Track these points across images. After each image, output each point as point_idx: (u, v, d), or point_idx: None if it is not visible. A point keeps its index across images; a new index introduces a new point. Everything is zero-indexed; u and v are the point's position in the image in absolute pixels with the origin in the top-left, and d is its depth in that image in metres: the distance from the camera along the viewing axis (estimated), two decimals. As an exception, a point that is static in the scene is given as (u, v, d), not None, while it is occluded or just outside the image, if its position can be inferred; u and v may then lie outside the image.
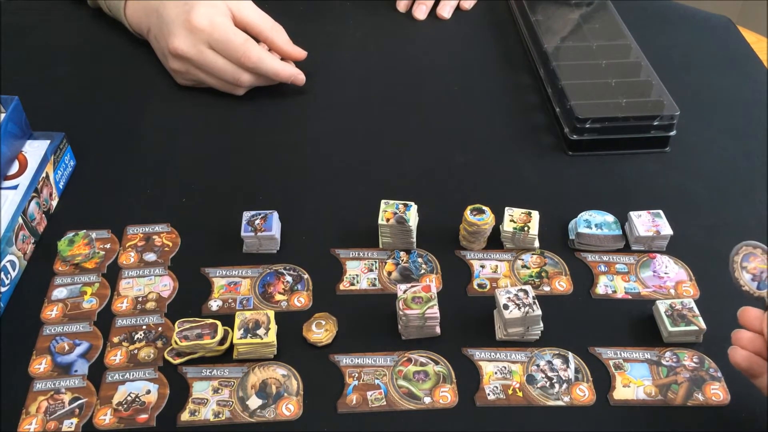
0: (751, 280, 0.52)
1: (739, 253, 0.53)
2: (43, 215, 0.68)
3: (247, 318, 0.58)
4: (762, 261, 0.52)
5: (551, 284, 0.63)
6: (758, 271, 0.52)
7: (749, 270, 0.52)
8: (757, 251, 0.52)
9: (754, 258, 0.52)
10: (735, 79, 0.88)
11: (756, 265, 0.52)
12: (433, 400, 0.55)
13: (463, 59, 0.91)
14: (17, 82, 0.84)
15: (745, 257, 0.52)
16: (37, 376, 0.56)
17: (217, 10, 0.78)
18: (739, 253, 0.53)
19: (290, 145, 0.78)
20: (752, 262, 0.52)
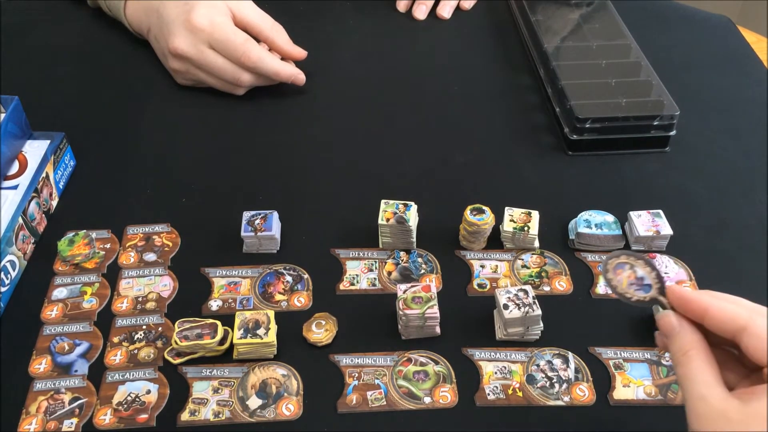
0: (629, 285, 0.49)
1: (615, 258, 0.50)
2: (43, 215, 0.68)
3: (247, 318, 0.58)
4: (638, 268, 0.49)
5: (551, 284, 0.63)
6: (635, 276, 0.49)
7: (625, 277, 0.49)
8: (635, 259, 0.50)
9: (630, 266, 0.49)
10: (735, 79, 0.88)
11: (632, 272, 0.49)
12: (433, 400, 0.55)
13: (463, 59, 0.91)
14: (17, 82, 0.84)
15: (619, 265, 0.50)
16: (37, 376, 0.56)
17: (218, 9, 0.78)
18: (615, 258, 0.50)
19: (290, 145, 0.78)
20: (628, 270, 0.50)
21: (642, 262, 0.49)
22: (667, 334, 0.46)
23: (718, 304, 0.44)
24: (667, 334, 0.46)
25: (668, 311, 0.46)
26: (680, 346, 0.44)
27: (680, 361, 0.44)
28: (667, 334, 0.46)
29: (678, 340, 0.45)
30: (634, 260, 0.50)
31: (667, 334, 0.46)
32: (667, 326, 0.46)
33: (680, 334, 0.45)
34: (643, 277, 0.49)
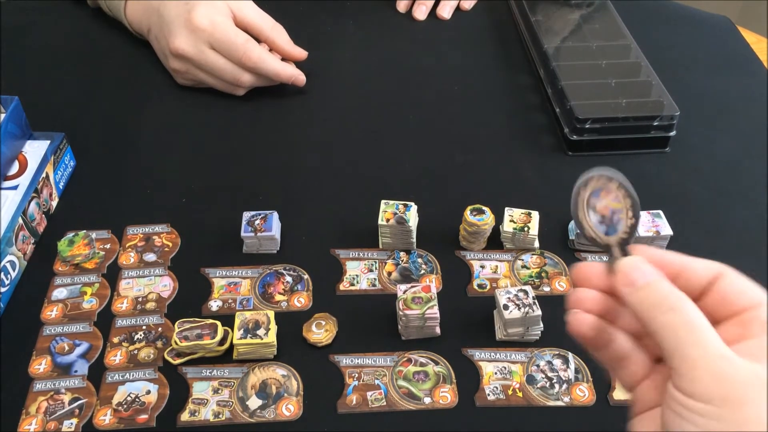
0: (599, 223, 0.40)
1: (587, 186, 0.41)
2: (43, 215, 0.68)
3: (247, 318, 0.58)
4: (616, 198, 0.40)
5: (551, 284, 0.63)
6: (609, 211, 0.40)
7: (598, 209, 0.40)
8: (611, 185, 0.40)
9: (606, 194, 0.40)
10: (735, 79, 0.88)
11: (607, 203, 0.40)
12: (433, 401, 0.55)
13: (463, 59, 0.91)
14: (17, 82, 0.84)
15: (595, 193, 0.41)
16: (37, 377, 0.56)
17: (218, 10, 0.78)
18: (587, 186, 0.41)
19: (290, 145, 0.78)
20: (603, 200, 0.40)
21: (623, 192, 0.40)
22: (628, 285, 0.37)
23: (688, 258, 0.39)
24: (631, 284, 0.37)
25: (633, 257, 0.38)
26: (663, 298, 0.36)
27: (670, 318, 0.35)
28: (630, 285, 0.37)
29: (656, 291, 0.36)
30: (613, 185, 0.40)
31: (631, 284, 0.37)
32: (633, 274, 0.37)
33: (658, 282, 0.36)
34: (616, 211, 0.40)
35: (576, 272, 0.41)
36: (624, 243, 0.39)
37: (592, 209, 0.41)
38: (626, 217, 0.40)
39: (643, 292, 0.37)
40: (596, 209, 0.41)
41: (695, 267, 0.38)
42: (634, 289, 0.37)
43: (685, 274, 0.38)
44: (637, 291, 0.37)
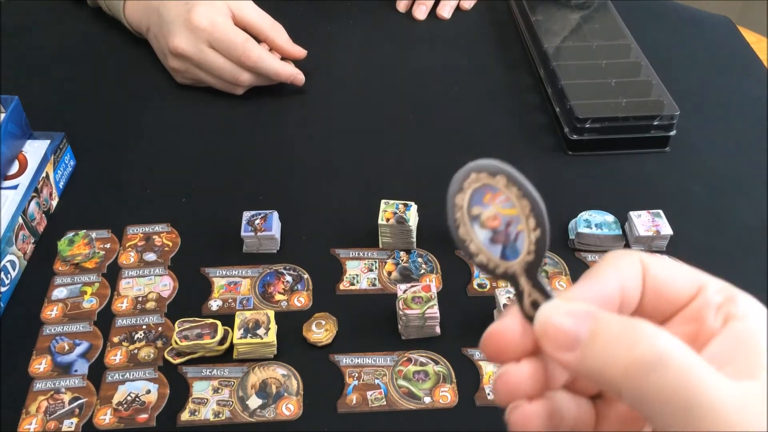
0: (490, 242, 0.28)
1: (465, 188, 0.29)
2: (43, 215, 0.68)
3: (247, 318, 0.58)
4: (507, 201, 0.28)
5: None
6: (501, 221, 0.28)
7: (484, 221, 0.28)
8: (497, 182, 0.28)
9: (492, 197, 0.28)
10: (735, 79, 0.88)
11: (496, 210, 0.28)
12: (433, 400, 0.55)
13: (463, 59, 0.91)
14: (17, 82, 0.84)
15: (476, 196, 0.28)
16: (37, 376, 0.56)
17: (218, 9, 0.78)
18: (465, 188, 0.29)
19: (290, 145, 0.78)
20: (489, 206, 0.28)
21: (516, 190, 0.28)
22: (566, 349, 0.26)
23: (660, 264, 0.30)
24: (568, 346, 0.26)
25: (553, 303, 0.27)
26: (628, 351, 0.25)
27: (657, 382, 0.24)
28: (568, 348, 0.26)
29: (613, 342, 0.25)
30: (500, 182, 0.28)
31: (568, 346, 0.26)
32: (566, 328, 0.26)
33: (608, 325, 0.26)
34: (512, 220, 0.28)
35: (487, 344, 0.29)
36: (532, 268, 0.28)
37: (477, 221, 0.29)
38: (527, 227, 0.28)
39: (595, 350, 0.26)
40: (482, 221, 0.29)
41: (678, 278, 0.30)
42: (579, 353, 0.26)
43: (661, 278, 0.29)
44: (584, 354, 0.26)
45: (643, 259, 0.29)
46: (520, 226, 0.28)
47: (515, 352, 0.28)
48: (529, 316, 0.28)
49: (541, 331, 0.27)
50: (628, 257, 0.29)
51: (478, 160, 0.29)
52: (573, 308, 0.27)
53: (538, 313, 0.27)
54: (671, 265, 0.30)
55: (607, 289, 0.28)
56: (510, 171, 0.28)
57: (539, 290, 0.28)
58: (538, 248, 0.28)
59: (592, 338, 0.26)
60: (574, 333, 0.26)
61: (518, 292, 0.28)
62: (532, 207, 0.28)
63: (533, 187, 0.28)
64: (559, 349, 0.26)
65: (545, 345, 0.27)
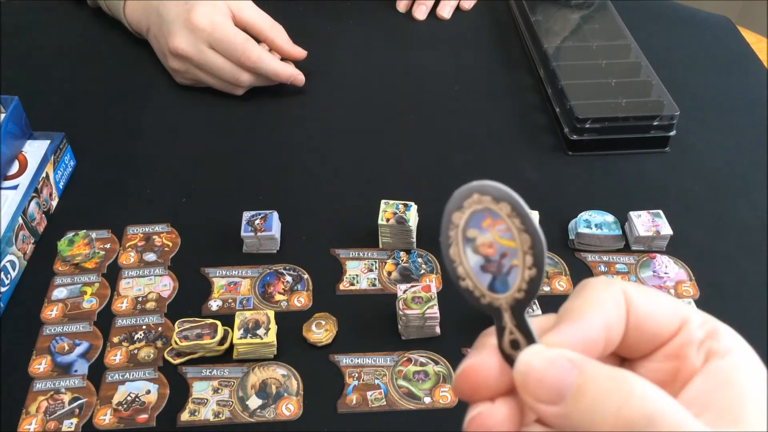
0: (480, 269, 0.27)
1: (464, 207, 0.27)
2: (43, 215, 0.68)
3: (247, 318, 0.58)
4: (506, 231, 0.26)
5: (551, 284, 0.63)
6: (496, 251, 0.26)
7: (479, 246, 0.27)
8: (500, 208, 0.26)
9: (492, 223, 0.26)
10: (735, 79, 0.88)
11: (493, 238, 0.26)
12: (433, 400, 0.55)
13: (463, 59, 0.91)
14: (17, 82, 0.84)
15: (475, 219, 0.27)
16: (37, 376, 0.56)
17: (218, 9, 0.78)
18: (464, 207, 0.27)
19: (290, 145, 0.78)
20: (486, 232, 0.26)
21: (519, 222, 0.26)
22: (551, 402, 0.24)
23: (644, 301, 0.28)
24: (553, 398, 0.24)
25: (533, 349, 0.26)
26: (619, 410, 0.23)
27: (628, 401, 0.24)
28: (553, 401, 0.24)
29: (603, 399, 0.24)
30: (502, 210, 0.26)
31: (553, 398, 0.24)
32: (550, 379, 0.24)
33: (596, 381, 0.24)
34: (507, 252, 0.26)
35: (461, 382, 0.27)
36: (520, 307, 0.26)
37: (470, 245, 0.27)
38: (523, 264, 0.26)
39: (581, 407, 0.24)
40: (476, 245, 0.27)
41: (659, 313, 0.28)
42: (563, 407, 0.24)
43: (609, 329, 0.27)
44: (569, 410, 0.24)
45: (626, 291, 0.27)
46: (515, 260, 0.26)
47: (490, 391, 0.26)
48: (507, 355, 0.26)
49: (521, 380, 0.25)
50: (610, 291, 0.27)
51: (483, 181, 0.26)
52: (556, 356, 0.25)
53: (519, 359, 0.25)
54: (654, 297, 0.28)
55: (591, 330, 0.26)
56: (516, 200, 0.26)
57: (522, 331, 0.26)
58: (530, 288, 0.26)
59: (577, 393, 0.24)
60: (558, 386, 0.24)
61: (499, 328, 0.27)
62: (532, 244, 0.26)
63: (537, 223, 0.26)
64: (541, 402, 0.25)
65: (525, 396, 0.25)
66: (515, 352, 0.26)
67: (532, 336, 0.26)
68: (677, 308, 0.28)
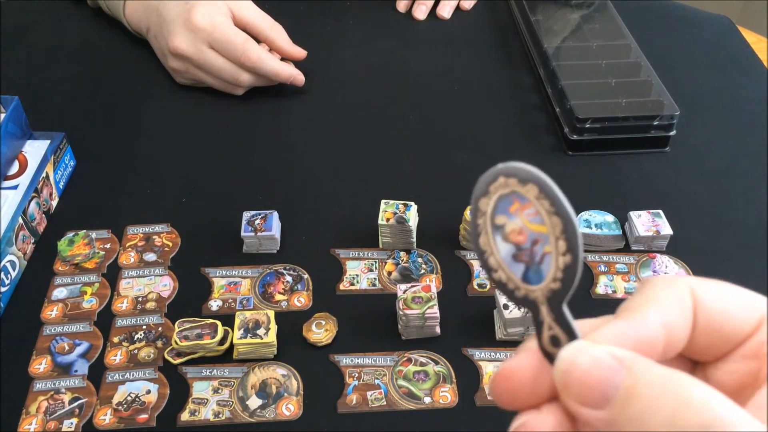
0: (512, 259, 0.25)
1: (491, 192, 0.25)
2: (43, 215, 0.68)
3: (247, 318, 0.58)
4: (536, 215, 0.24)
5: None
6: (527, 238, 0.24)
7: (508, 233, 0.25)
8: (528, 190, 0.24)
9: (521, 207, 0.24)
10: (735, 79, 0.88)
11: (522, 223, 0.24)
12: (433, 400, 0.55)
13: (463, 59, 0.91)
14: (17, 82, 0.84)
15: (502, 204, 0.25)
16: (37, 376, 0.56)
17: (218, 9, 0.78)
18: (491, 192, 0.25)
19: (290, 145, 0.78)
20: (515, 217, 0.25)
21: (548, 204, 0.24)
22: (595, 405, 0.22)
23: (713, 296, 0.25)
24: (597, 402, 0.22)
25: (578, 344, 0.23)
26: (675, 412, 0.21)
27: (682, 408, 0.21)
28: (597, 404, 0.22)
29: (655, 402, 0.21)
30: (530, 192, 0.24)
31: (597, 402, 0.22)
32: (595, 380, 0.22)
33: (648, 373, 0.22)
34: (539, 238, 0.24)
35: (498, 386, 0.24)
36: (557, 298, 0.24)
37: (500, 232, 0.25)
38: (556, 250, 0.24)
39: (630, 412, 0.21)
40: (506, 233, 0.25)
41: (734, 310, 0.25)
42: (609, 412, 0.21)
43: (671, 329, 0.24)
44: (615, 416, 0.21)
45: (694, 288, 0.24)
46: (547, 247, 0.24)
47: (533, 397, 0.24)
48: (547, 353, 0.24)
49: (562, 380, 0.22)
50: (674, 287, 0.25)
51: (509, 162, 0.25)
52: (602, 354, 0.22)
53: (559, 356, 0.23)
54: (727, 292, 0.25)
55: (647, 329, 0.23)
56: (544, 180, 0.24)
57: (562, 326, 0.24)
58: (566, 276, 0.24)
59: (627, 397, 0.21)
60: (604, 387, 0.21)
61: (537, 323, 0.24)
62: (564, 227, 0.23)
63: (569, 203, 0.24)
64: (584, 405, 0.22)
65: (565, 397, 0.22)
66: (556, 350, 0.23)
67: (573, 331, 0.24)
68: (754, 303, 0.25)
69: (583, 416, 0.22)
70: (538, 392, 0.24)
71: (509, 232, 0.25)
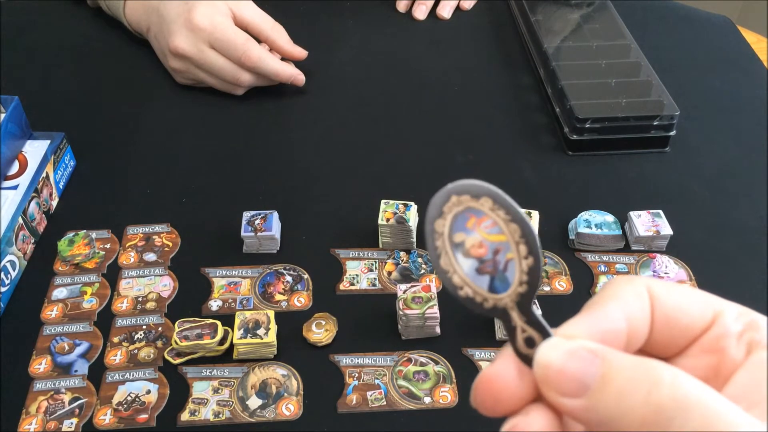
0: (476, 272, 0.26)
1: (445, 212, 0.26)
2: (43, 215, 0.68)
3: (247, 318, 0.58)
4: (494, 226, 0.25)
5: (551, 284, 0.63)
6: (488, 249, 0.25)
7: (468, 249, 0.26)
8: (481, 204, 0.25)
9: (477, 221, 0.25)
10: (735, 79, 0.88)
11: (481, 237, 0.25)
12: (433, 400, 0.55)
13: (463, 59, 0.91)
14: (17, 82, 0.84)
15: (458, 221, 0.26)
16: (37, 376, 0.56)
17: (218, 9, 0.78)
18: (445, 212, 0.26)
19: (290, 145, 0.78)
20: (473, 232, 0.25)
21: (503, 213, 0.25)
22: (573, 395, 0.23)
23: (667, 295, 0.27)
24: (575, 391, 0.23)
25: (552, 341, 0.24)
26: (647, 398, 0.22)
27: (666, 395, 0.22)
28: (575, 393, 0.23)
29: (630, 389, 0.22)
30: (484, 205, 0.25)
31: (575, 391, 0.23)
32: (570, 372, 0.23)
33: (623, 369, 0.23)
34: (500, 247, 0.25)
35: (479, 394, 0.26)
36: (525, 301, 0.25)
37: (460, 249, 0.26)
38: (518, 255, 0.25)
39: (607, 397, 0.23)
40: (466, 249, 0.26)
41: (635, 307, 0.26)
42: (587, 399, 0.23)
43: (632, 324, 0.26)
44: (594, 401, 0.23)
45: (650, 286, 0.26)
46: (509, 254, 0.25)
47: (514, 400, 0.25)
48: (523, 355, 0.25)
49: (542, 375, 0.24)
50: (632, 286, 0.26)
51: (458, 181, 0.25)
52: (577, 347, 0.24)
53: (537, 354, 0.24)
54: (682, 291, 0.27)
55: (611, 323, 0.25)
56: (496, 192, 0.25)
57: (534, 326, 0.25)
58: (531, 278, 0.25)
59: (602, 383, 0.23)
60: (581, 377, 0.23)
61: (510, 329, 0.25)
62: (522, 232, 0.25)
63: (522, 209, 0.25)
64: (564, 395, 0.23)
65: (546, 391, 0.24)
66: (532, 351, 0.25)
67: (546, 329, 0.25)
68: (708, 300, 0.26)
69: (565, 406, 0.23)
70: (518, 395, 0.25)
71: (470, 247, 0.26)
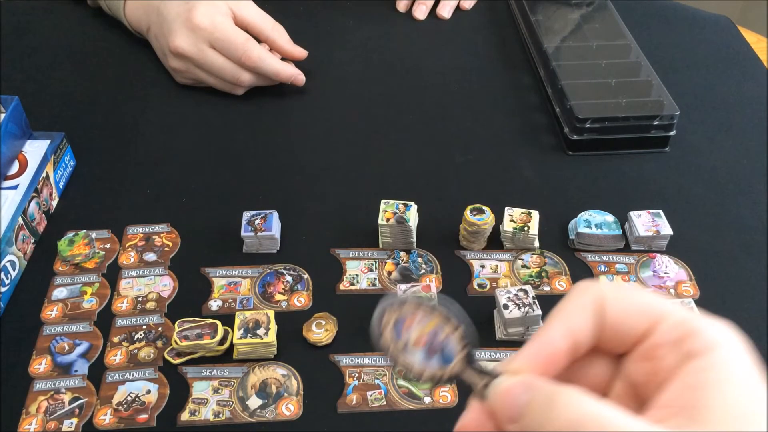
0: (427, 357, 0.31)
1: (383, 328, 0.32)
2: (43, 215, 0.68)
3: (247, 318, 0.58)
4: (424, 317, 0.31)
5: (551, 284, 0.63)
6: (429, 336, 0.31)
7: (415, 343, 0.31)
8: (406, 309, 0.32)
9: (410, 321, 0.32)
10: (735, 79, 0.88)
11: (420, 330, 0.31)
12: (433, 400, 0.55)
13: (463, 59, 0.91)
14: (17, 82, 0.84)
15: (397, 329, 0.31)
16: (37, 376, 0.56)
17: (218, 9, 0.78)
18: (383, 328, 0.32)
19: (290, 145, 0.78)
20: (412, 329, 0.31)
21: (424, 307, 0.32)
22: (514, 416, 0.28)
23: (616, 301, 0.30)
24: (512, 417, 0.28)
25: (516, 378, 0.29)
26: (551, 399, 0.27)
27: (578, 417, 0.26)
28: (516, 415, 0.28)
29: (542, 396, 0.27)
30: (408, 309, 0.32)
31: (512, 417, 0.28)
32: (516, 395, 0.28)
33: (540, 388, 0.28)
34: (436, 330, 0.31)
35: None
36: (471, 359, 0.30)
37: (407, 348, 0.31)
38: (452, 329, 0.31)
39: (530, 419, 0.27)
40: (411, 345, 0.31)
41: (632, 310, 0.29)
42: (520, 423, 0.28)
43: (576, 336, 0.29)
44: (524, 424, 0.27)
45: (605, 291, 0.30)
46: (444, 331, 0.31)
47: None
48: (485, 398, 0.30)
49: (492, 408, 0.29)
50: (580, 299, 0.30)
51: (382, 300, 0.32)
52: (512, 385, 0.28)
53: (489, 393, 0.29)
54: (630, 297, 0.29)
55: (551, 345, 0.29)
56: (413, 297, 0.32)
57: (484, 374, 0.30)
58: (470, 339, 0.31)
59: (527, 409, 0.27)
60: (515, 406, 0.28)
61: (471, 384, 0.30)
62: (446, 314, 0.31)
63: (433, 300, 0.30)
64: (509, 421, 0.28)
65: (500, 418, 0.29)
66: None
67: (494, 374, 0.29)
68: (650, 308, 0.29)
69: (511, 429, 0.28)
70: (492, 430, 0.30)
71: (414, 343, 0.31)
